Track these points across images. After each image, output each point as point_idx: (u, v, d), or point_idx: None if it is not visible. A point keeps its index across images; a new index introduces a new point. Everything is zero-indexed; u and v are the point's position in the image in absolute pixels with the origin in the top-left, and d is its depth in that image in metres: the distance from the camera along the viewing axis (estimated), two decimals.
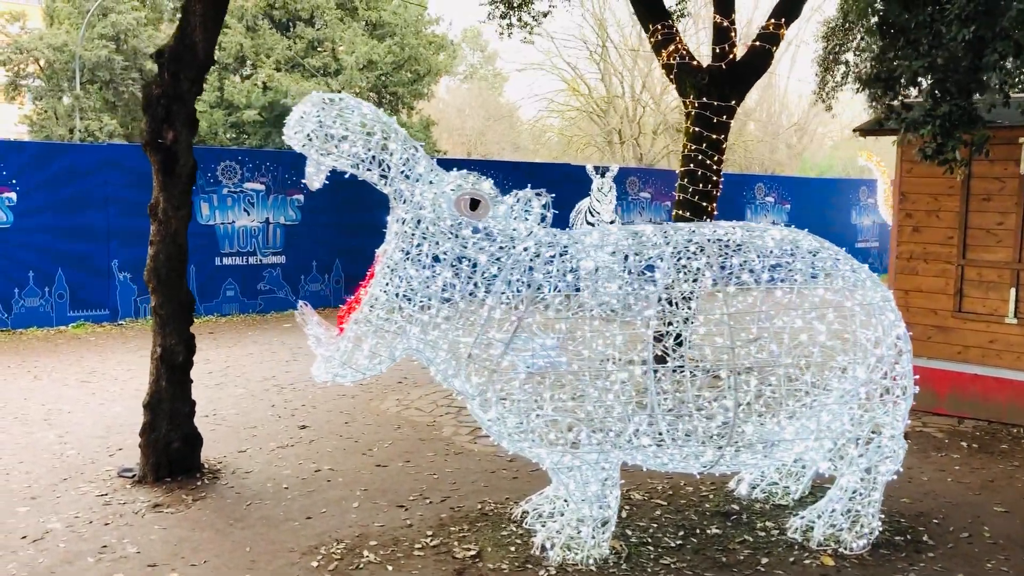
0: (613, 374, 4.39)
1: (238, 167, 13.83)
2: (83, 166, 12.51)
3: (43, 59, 24.67)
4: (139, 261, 12.91)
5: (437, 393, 8.38)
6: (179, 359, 5.83)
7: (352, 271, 14.90)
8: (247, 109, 25.80)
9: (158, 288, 5.74)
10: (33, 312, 12.12)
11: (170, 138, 5.54)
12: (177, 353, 5.81)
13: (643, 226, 4.84)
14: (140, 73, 25.73)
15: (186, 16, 5.47)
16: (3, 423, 7.32)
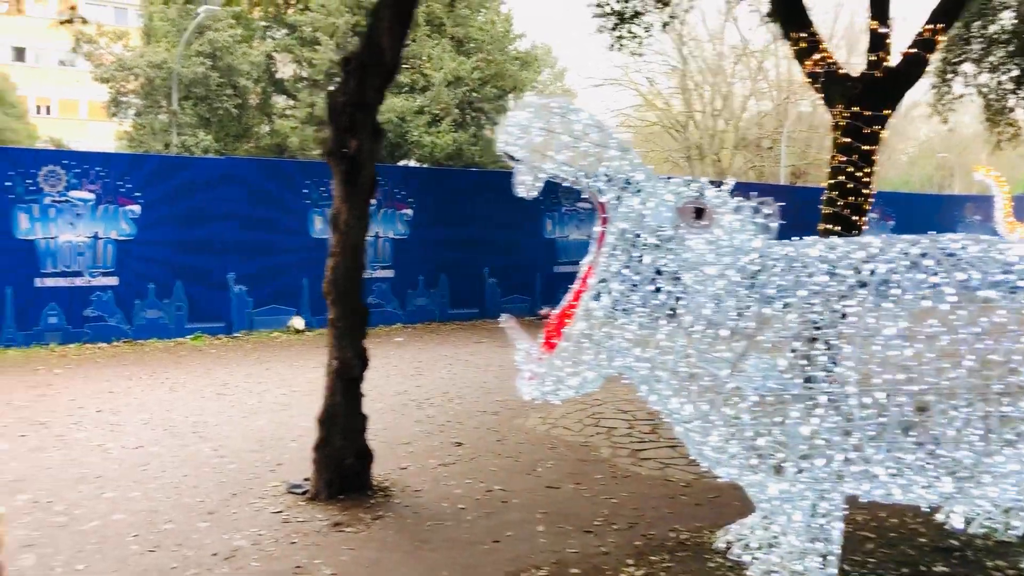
0: (856, 397, 4.07)
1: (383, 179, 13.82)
2: (202, 180, 12.65)
3: (143, 76, 25.29)
4: (254, 274, 13.12)
5: (578, 411, 8.12)
6: (355, 373, 5.69)
7: (458, 286, 14.79)
8: None
9: (337, 300, 5.62)
10: (153, 323, 12.25)
11: (353, 147, 5.41)
12: (353, 367, 5.67)
13: (866, 238, 4.52)
14: (234, 89, 26.20)
15: (373, 23, 5.36)
16: (155, 435, 7.28)
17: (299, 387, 9.40)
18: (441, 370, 10.53)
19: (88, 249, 11.80)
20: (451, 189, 14.82)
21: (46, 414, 7.92)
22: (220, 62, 25.63)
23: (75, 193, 11.66)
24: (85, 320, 11.76)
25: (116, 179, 11.94)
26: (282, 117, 27.52)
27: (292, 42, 27.24)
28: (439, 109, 27.02)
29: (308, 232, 13.48)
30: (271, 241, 13.12)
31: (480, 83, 27.52)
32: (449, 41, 27.45)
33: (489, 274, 15.14)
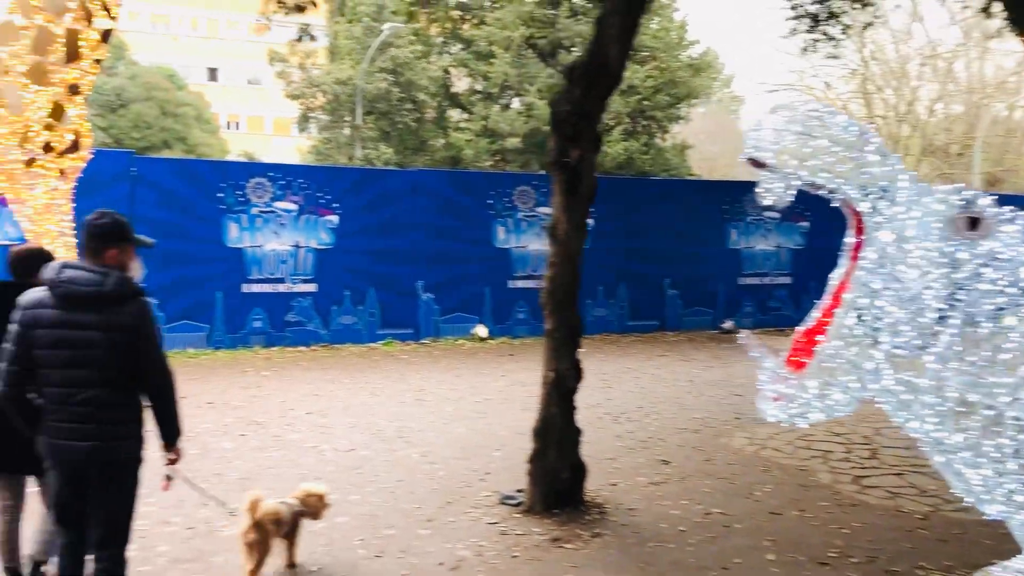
0: None
1: (532, 191, 13.90)
2: (395, 191, 13.04)
3: (329, 93, 26.55)
4: (441, 282, 13.40)
5: (786, 432, 7.70)
6: (570, 385, 5.59)
7: (637, 297, 14.56)
8: (510, 137, 26.38)
9: (554, 311, 5.54)
10: (347, 329, 12.72)
11: (575, 157, 5.33)
12: (568, 378, 5.58)
13: None
14: (413, 103, 27.05)
15: (600, 31, 5.27)
16: (363, 439, 7.48)
17: (491, 395, 9.45)
18: (629, 384, 10.33)
19: (290, 257, 12.40)
20: (631, 199, 14.60)
21: (261, 415, 8.31)
22: (401, 77, 26.53)
23: (280, 204, 12.27)
24: (286, 324, 12.35)
25: (317, 191, 12.49)
26: (457, 130, 28.15)
27: (468, 56, 27.83)
28: (610, 118, 26.83)
29: (491, 242, 13.64)
30: (457, 250, 13.36)
31: (653, 91, 27.14)
32: None
33: (670, 285, 14.82)
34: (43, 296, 3.33)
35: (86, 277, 3.30)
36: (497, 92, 27.75)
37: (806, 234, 15.55)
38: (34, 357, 3.30)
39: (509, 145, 26.61)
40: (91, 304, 3.29)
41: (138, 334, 3.35)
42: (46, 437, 3.37)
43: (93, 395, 3.30)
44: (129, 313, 3.34)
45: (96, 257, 3.37)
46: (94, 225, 3.41)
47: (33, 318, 3.30)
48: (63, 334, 3.28)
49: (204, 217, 11.83)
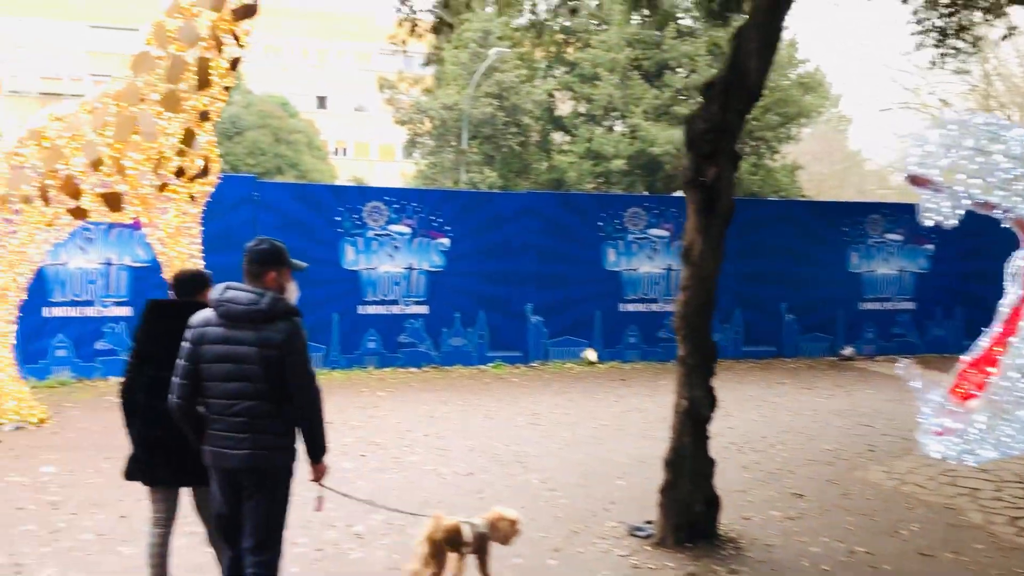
0: None
1: (644, 213, 13.69)
2: (506, 213, 13.04)
3: (436, 118, 26.98)
4: (550, 305, 13.30)
5: (926, 466, 7.21)
6: (704, 413, 5.37)
7: (753, 321, 14.11)
8: (615, 159, 26.21)
9: (688, 336, 5.34)
10: (458, 351, 12.74)
11: (711, 175, 5.13)
12: (702, 407, 5.36)
13: None
14: (517, 127, 27.20)
15: (739, 44, 5.08)
16: (482, 462, 7.39)
17: (606, 421, 9.25)
18: (750, 412, 9.96)
19: (403, 279, 12.52)
20: (747, 220, 14.16)
21: (379, 435, 8.34)
22: (506, 102, 26.74)
23: (394, 227, 12.42)
24: (399, 346, 12.46)
25: (429, 214, 12.60)
26: (560, 153, 28.14)
27: (572, 79, 27.84)
28: None
29: (601, 264, 13.47)
30: (566, 273, 13.24)
31: (762, 111, 26.53)
32: None
33: (787, 310, 14.32)
34: (210, 315, 3.63)
35: (245, 297, 3.56)
36: (601, 114, 27.64)
37: (931, 258, 14.81)
38: (201, 371, 3.59)
39: (614, 167, 26.42)
40: (248, 321, 3.55)
41: (288, 351, 3.56)
42: (208, 446, 3.64)
43: (249, 407, 3.55)
44: (280, 331, 3.56)
45: (256, 280, 3.63)
46: (255, 251, 3.69)
47: (201, 335, 3.60)
48: (225, 349, 3.56)
49: (323, 240, 12.06)
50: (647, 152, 26.21)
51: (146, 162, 8.37)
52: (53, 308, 10.97)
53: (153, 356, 3.99)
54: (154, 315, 4.12)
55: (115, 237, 11.21)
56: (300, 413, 3.63)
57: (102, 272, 11.18)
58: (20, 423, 8.32)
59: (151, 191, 8.51)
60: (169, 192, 8.58)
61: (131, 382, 4.09)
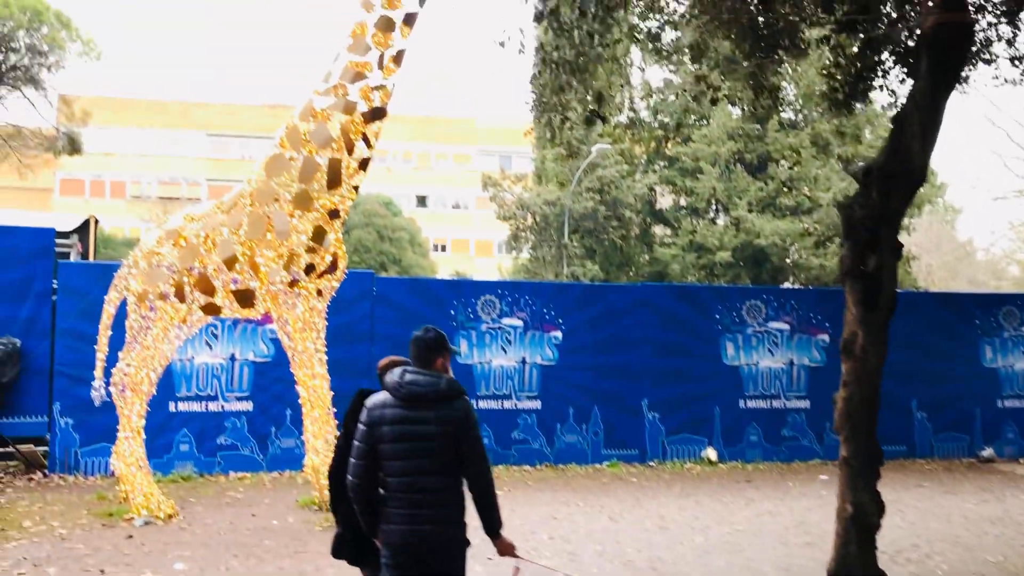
0: None
1: (763, 306, 13.30)
2: (619, 306, 12.85)
3: (538, 214, 27.33)
4: (667, 401, 12.92)
5: None
6: (872, 520, 4.96)
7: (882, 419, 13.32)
8: (719, 251, 25.88)
9: (851, 436, 4.99)
10: (571, 448, 12.43)
11: (873, 265, 4.86)
12: (870, 513, 4.95)
13: None
14: (619, 221, 27.26)
15: (900, 127, 4.88)
16: (616, 569, 7.04)
17: (740, 526, 8.75)
18: (892, 516, 9.10)
19: (516, 373, 12.37)
20: None
21: None
22: (607, 196, 26.91)
23: (507, 320, 12.37)
24: (512, 442, 12.22)
25: (542, 307, 12.52)
26: (662, 245, 28.00)
27: (673, 173, 27.90)
28: (827, 230, 25.78)
29: (720, 358, 13.06)
30: (683, 367, 12.87)
31: None
32: (837, 161, 26.37)
33: (917, 407, 13.53)
34: (385, 397, 3.90)
35: (425, 380, 3.85)
36: (704, 207, 27.50)
37: None
38: (378, 451, 3.84)
39: (718, 259, 26.07)
40: (429, 402, 3.82)
41: (464, 428, 3.85)
42: (387, 524, 3.85)
43: (427, 483, 3.80)
44: (457, 409, 3.86)
45: (427, 364, 3.94)
46: (425, 338, 4.00)
47: (379, 417, 3.85)
48: (404, 429, 3.81)
49: None
50: (753, 244, 25.80)
51: (278, 259, 8.57)
52: (179, 403, 11.21)
53: None
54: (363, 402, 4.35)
55: (239, 333, 11.47)
56: (476, 488, 3.87)
57: (225, 367, 11.41)
58: (150, 518, 8.37)
59: (282, 287, 8.68)
60: (299, 288, 8.74)
61: (340, 464, 4.36)
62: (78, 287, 10.86)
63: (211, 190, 50.88)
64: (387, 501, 3.83)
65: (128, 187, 56.41)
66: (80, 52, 35.38)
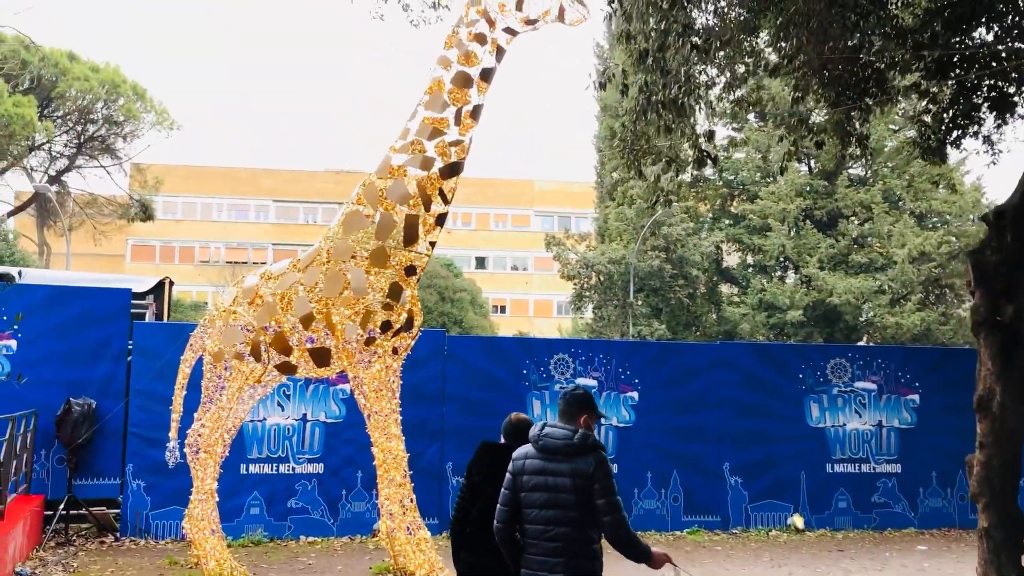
0: None
1: (848, 364, 12.72)
2: (697, 365, 12.41)
3: (603, 272, 27.04)
4: (750, 465, 12.34)
5: None
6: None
7: None
8: (791, 310, 25.21)
9: (991, 504, 4.52)
10: (650, 514, 11.90)
11: (1009, 314, 4.46)
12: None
13: None
14: (685, 280, 26.83)
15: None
16: None
17: None
18: None
19: None
20: (964, 370, 12.91)
21: None
22: (673, 254, 26.54)
23: (580, 380, 12.02)
24: None
25: (617, 366, 12.15)
26: (730, 305, 27.42)
27: (740, 231, 27.45)
28: (902, 288, 24.99)
29: (805, 420, 12.48)
30: (765, 430, 12.32)
31: (948, 257, 25.09)
32: (909, 216, 25.69)
33: None
34: (529, 449, 4.28)
35: (561, 433, 4.22)
36: (773, 264, 26.93)
37: None
38: (520, 499, 4.20)
39: (789, 318, 25.38)
40: (563, 454, 4.14)
41: (597, 479, 4.09)
42: (525, 569, 4.19)
43: (563, 532, 4.09)
44: (590, 463, 4.12)
45: (571, 420, 4.30)
46: (573, 395, 4.43)
47: (521, 467, 4.25)
48: (542, 480, 4.15)
49: (511, 393, 11.76)
50: (825, 302, 25.10)
51: (354, 317, 8.42)
52: (249, 464, 11.05)
53: (483, 493, 4.67)
54: (487, 456, 4.87)
55: (311, 393, 11.32)
56: (612, 535, 4.09)
57: (296, 428, 11.24)
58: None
59: (358, 346, 8.51)
60: (375, 346, 8.55)
61: (462, 515, 4.76)
62: (153, 347, 10.86)
63: (276, 255, 51.90)
64: (526, 547, 4.17)
65: (196, 252, 57.88)
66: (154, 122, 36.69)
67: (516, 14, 8.65)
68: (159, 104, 35.97)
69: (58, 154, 36.40)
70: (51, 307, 10.94)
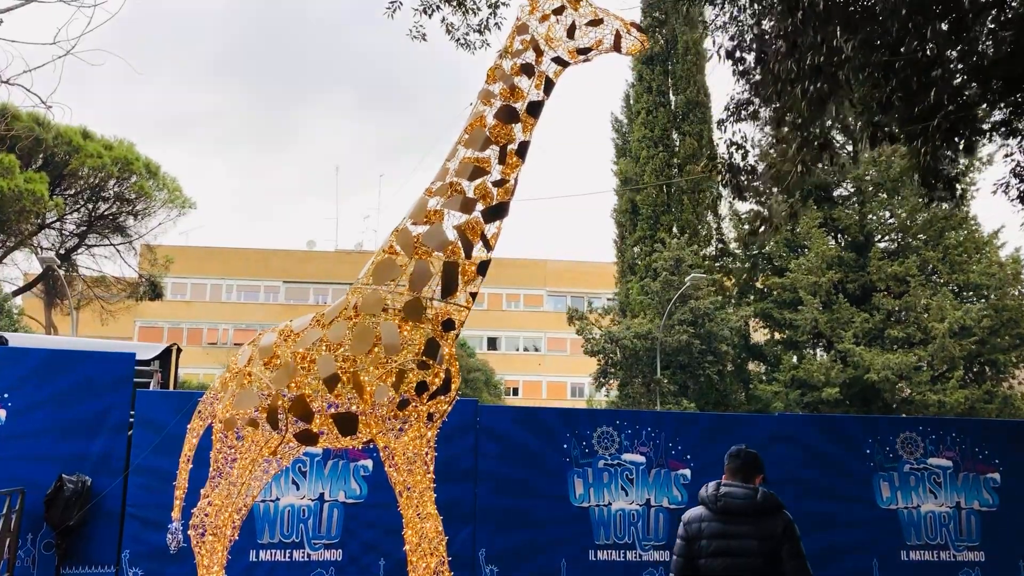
0: None
1: (919, 439, 11.55)
2: (754, 440, 11.21)
3: (629, 347, 25.96)
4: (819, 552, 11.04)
5: None
6: None
7: None
8: (826, 387, 24.00)
9: None
10: None
11: None
12: None
13: None
14: (714, 355, 25.72)
15: None
16: None
17: None
18: None
19: (640, 518, 10.76)
20: None
21: None
22: (701, 329, 25.50)
23: (628, 456, 10.89)
24: None
25: (667, 440, 11.03)
26: (761, 382, 26.24)
27: (768, 306, 26.47)
28: (942, 363, 23.82)
29: (874, 501, 11.25)
30: (831, 512, 11.08)
31: (989, 332, 23.98)
32: (947, 288, 24.71)
33: None
34: (702, 511, 4.08)
35: (741, 492, 4.07)
36: (805, 340, 25.85)
37: None
38: (698, 567, 3.92)
39: (824, 396, 24.15)
40: (747, 516, 3.94)
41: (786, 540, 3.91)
42: None
43: None
44: (780, 523, 3.98)
45: (747, 480, 4.19)
46: (748, 453, 4.43)
47: (697, 531, 3.99)
48: (724, 544, 3.92)
49: (550, 471, 10.62)
50: (862, 379, 23.90)
51: (386, 378, 7.38)
52: (260, 551, 9.85)
53: None
54: None
55: (329, 469, 10.20)
56: None
57: (313, 509, 10.08)
58: None
59: (389, 410, 7.44)
60: (408, 412, 7.48)
61: None
62: (157, 418, 9.81)
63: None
64: None
65: (204, 334, 57.04)
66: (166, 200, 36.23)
67: (567, 43, 7.86)
68: (172, 181, 35.62)
69: (68, 233, 35.92)
70: (46, 374, 9.91)
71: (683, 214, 28.03)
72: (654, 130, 29.43)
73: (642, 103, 29.79)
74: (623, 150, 30.92)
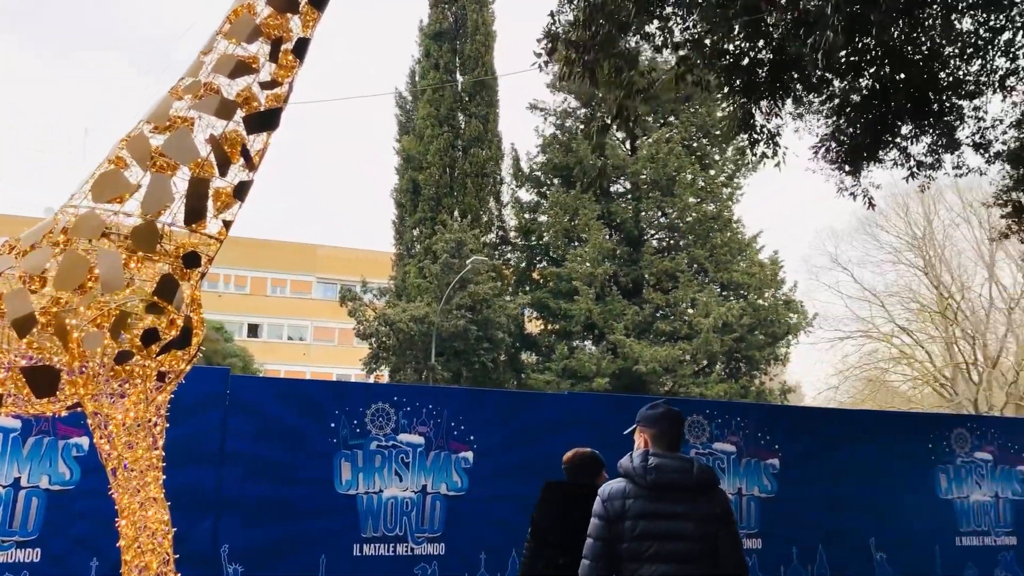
0: None
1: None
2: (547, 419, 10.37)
3: (404, 331, 24.63)
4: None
5: None
6: None
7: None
8: (596, 377, 24.03)
9: None
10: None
11: None
12: None
13: None
14: (490, 343, 25.03)
15: None
16: None
17: None
18: None
19: (414, 506, 9.50)
20: None
21: None
22: (479, 315, 24.72)
23: (404, 436, 9.59)
24: None
25: (450, 419, 9.85)
26: (534, 371, 25.91)
27: (545, 295, 26.21)
28: (705, 357, 24.62)
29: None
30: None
31: (748, 329, 25.09)
32: (713, 286, 25.62)
33: None
34: (624, 486, 3.38)
35: (676, 465, 3.37)
36: (579, 331, 25.81)
37: None
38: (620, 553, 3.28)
39: (595, 387, 24.17)
40: (683, 493, 3.29)
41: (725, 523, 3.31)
42: None
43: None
44: (718, 503, 3.35)
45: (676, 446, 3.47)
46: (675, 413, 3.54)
47: (620, 510, 3.31)
48: (652, 526, 3.26)
49: (316, 452, 9.07)
50: (632, 371, 24.15)
51: (102, 322, 5.57)
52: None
53: (550, 539, 4.16)
54: (553, 496, 4.31)
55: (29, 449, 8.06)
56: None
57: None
58: None
59: (104, 366, 5.64)
60: (131, 367, 5.71)
61: (531, 566, 4.21)
62: None
63: None
64: None
65: None
66: None
67: None
68: None
69: None
70: None
71: (466, 198, 27.21)
72: (440, 109, 28.42)
73: (428, 79, 28.69)
74: (406, 127, 29.69)
